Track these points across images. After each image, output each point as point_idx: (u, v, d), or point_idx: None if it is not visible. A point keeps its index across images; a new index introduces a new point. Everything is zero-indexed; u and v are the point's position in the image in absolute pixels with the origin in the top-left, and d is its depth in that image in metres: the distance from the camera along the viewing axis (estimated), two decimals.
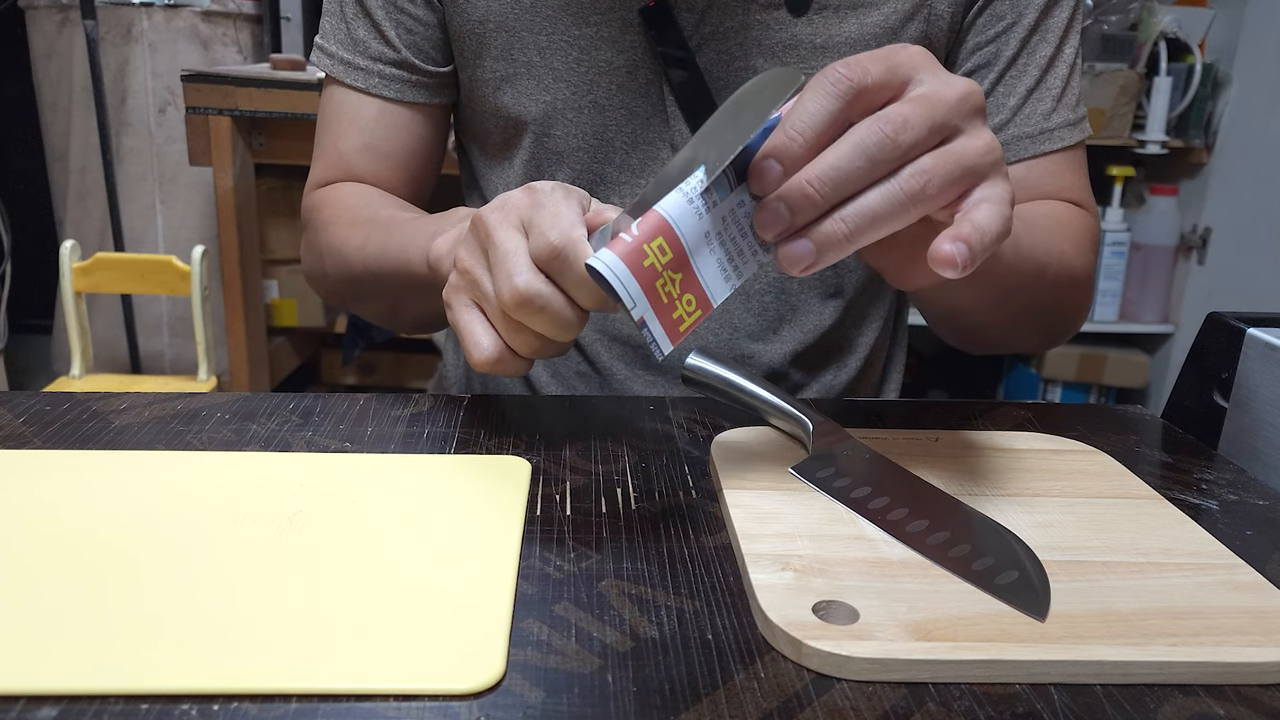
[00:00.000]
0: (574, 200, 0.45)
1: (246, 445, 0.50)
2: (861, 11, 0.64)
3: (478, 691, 0.32)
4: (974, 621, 0.35)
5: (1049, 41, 0.66)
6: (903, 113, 0.39)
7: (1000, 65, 0.66)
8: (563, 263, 0.42)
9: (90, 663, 0.33)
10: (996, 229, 0.39)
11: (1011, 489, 0.46)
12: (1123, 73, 2.00)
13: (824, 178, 0.38)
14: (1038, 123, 0.67)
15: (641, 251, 0.39)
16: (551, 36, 0.65)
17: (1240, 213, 2.04)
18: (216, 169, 1.74)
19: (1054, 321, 0.67)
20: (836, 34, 0.64)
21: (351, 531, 0.41)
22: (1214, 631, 0.35)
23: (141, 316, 2.06)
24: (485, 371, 0.47)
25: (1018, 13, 0.65)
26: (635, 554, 0.41)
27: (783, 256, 0.40)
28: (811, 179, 0.38)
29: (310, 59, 0.74)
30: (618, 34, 0.65)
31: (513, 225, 0.45)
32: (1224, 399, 0.55)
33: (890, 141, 0.38)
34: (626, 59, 0.65)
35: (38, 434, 0.51)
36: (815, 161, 0.39)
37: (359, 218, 0.67)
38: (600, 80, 0.66)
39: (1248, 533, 0.45)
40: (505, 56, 0.67)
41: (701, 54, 0.65)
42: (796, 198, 0.39)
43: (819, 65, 0.65)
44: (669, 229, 0.39)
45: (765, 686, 0.33)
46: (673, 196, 0.40)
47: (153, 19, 1.98)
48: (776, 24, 0.64)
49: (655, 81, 0.66)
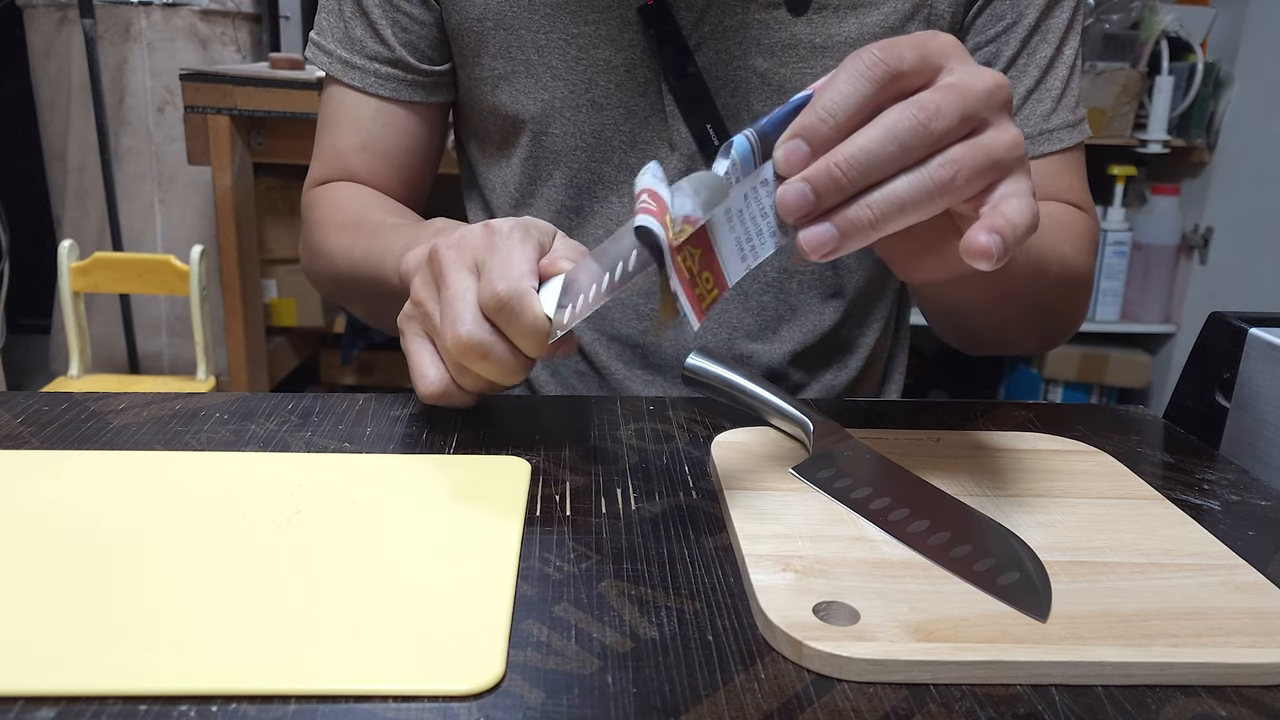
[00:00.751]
0: (530, 244, 0.45)
1: (245, 445, 0.50)
2: (861, 11, 0.64)
3: (477, 693, 0.32)
4: (975, 622, 0.35)
5: (1049, 42, 0.66)
6: (935, 100, 0.38)
7: (1000, 65, 0.66)
8: (509, 314, 0.43)
9: (89, 664, 0.32)
10: (1026, 222, 0.38)
11: (1013, 489, 0.46)
12: (1124, 72, 2.00)
13: (853, 161, 0.37)
14: (1037, 124, 0.67)
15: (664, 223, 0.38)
16: (550, 34, 0.65)
17: (1242, 212, 2.04)
18: (215, 168, 1.74)
19: (1053, 322, 0.67)
20: (836, 33, 0.64)
21: (350, 532, 0.41)
22: (1216, 632, 0.35)
23: (140, 316, 2.06)
24: (430, 403, 0.48)
25: (1018, 13, 0.65)
26: (635, 555, 0.41)
27: (804, 240, 0.38)
28: (840, 161, 0.37)
29: (305, 54, 0.74)
30: (616, 32, 0.65)
31: (465, 266, 0.46)
32: (1226, 399, 0.54)
33: (922, 128, 0.37)
34: (625, 57, 0.65)
35: (35, 434, 0.50)
36: (845, 144, 0.38)
37: (348, 220, 0.67)
38: (598, 79, 0.66)
39: (1250, 533, 0.45)
40: (503, 54, 0.67)
41: (700, 53, 0.65)
42: (823, 180, 0.37)
43: (818, 65, 0.64)
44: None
45: (766, 688, 0.33)
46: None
47: (151, 18, 1.98)
48: (776, 23, 0.64)
49: (654, 80, 0.66)
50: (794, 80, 0.65)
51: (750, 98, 0.66)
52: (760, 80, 0.65)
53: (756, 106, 0.66)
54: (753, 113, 0.66)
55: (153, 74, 2.00)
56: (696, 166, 0.67)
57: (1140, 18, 2.05)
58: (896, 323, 0.80)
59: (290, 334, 2.14)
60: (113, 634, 0.34)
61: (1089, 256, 0.67)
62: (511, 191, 0.72)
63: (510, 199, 0.72)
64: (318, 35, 0.71)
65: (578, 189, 0.69)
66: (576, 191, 0.70)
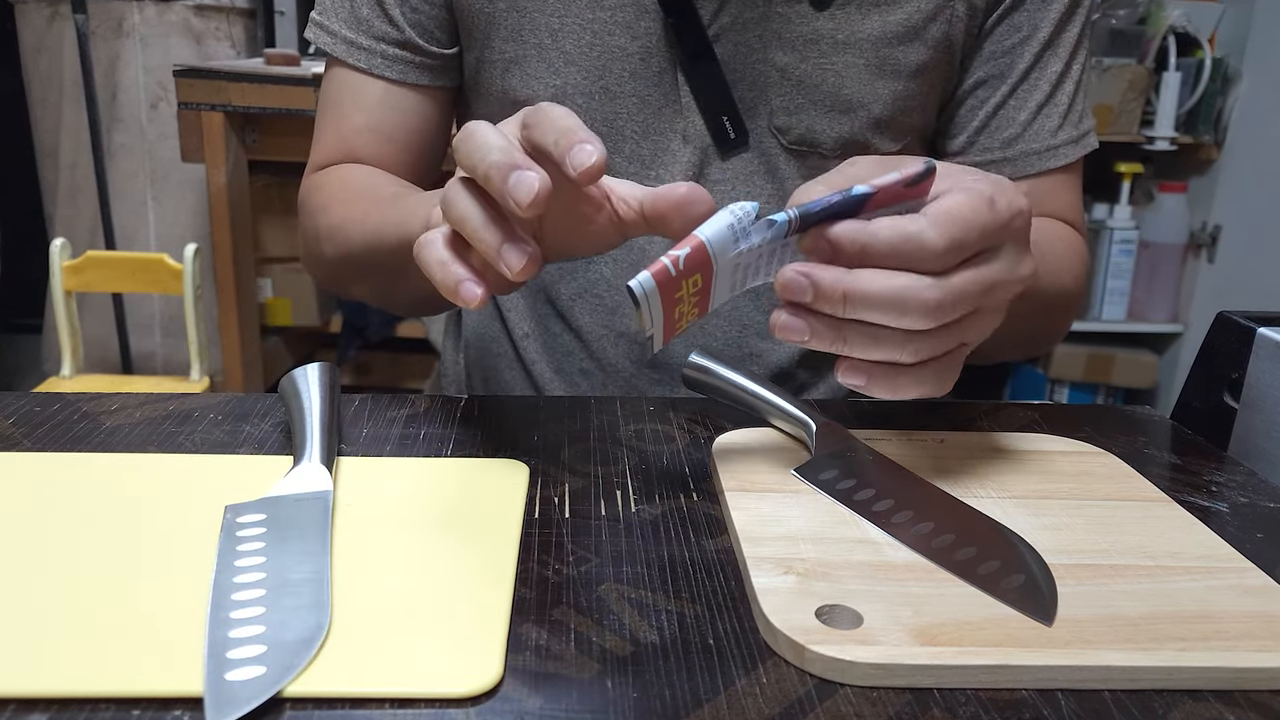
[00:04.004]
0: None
1: (240, 447, 0.49)
2: (884, 9, 0.64)
3: (474, 696, 0.32)
4: (979, 626, 0.35)
5: (1059, 57, 0.67)
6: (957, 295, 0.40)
7: (1014, 78, 0.67)
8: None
9: (81, 667, 0.32)
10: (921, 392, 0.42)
11: (1017, 491, 0.46)
12: (1131, 68, 1.99)
13: (857, 300, 0.39)
14: (1045, 139, 0.68)
15: (677, 285, 0.39)
16: (564, 19, 0.65)
17: (1251, 210, 2.03)
18: (209, 166, 1.73)
19: (1037, 339, 0.70)
20: (859, 30, 0.64)
21: (346, 535, 0.41)
22: (1223, 636, 0.35)
23: (133, 316, 2.05)
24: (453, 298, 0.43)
25: (1033, 25, 0.66)
26: (635, 557, 0.40)
27: (780, 323, 0.41)
28: (849, 292, 0.39)
29: (306, 34, 0.72)
30: (633, 19, 0.64)
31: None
32: (1234, 399, 0.54)
33: (932, 319, 0.40)
34: (640, 45, 0.65)
35: (27, 435, 0.50)
36: (865, 279, 0.39)
37: (361, 194, 0.65)
38: (613, 66, 0.65)
39: (1258, 536, 0.45)
40: (515, 37, 0.66)
41: (719, 44, 0.64)
42: (826, 293, 0.40)
43: (839, 61, 0.64)
44: (709, 265, 0.39)
45: (767, 692, 0.33)
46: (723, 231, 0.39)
47: (144, 13, 1.97)
48: (798, 17, 0.63)
49: (669, 70, 0.65)
50: (814, 76, 0.65)
51: (769, 92, 0.65)
52: (779, 75, 0.65)
53: (774, 101, 0.65)
54: (770, 107, 0.66)
55: (146, 70, 1.99)
56: (710, 160, 0.67)
57: (1147, 12, 2.04)
58: None
59: (285, 334, 2.13)
60: (106, 637, 0.34)
61: (1082, 277, 0.69)
62: None
63: None
64: (320, 14, 0.70)
65: None
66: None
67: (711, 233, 0.39)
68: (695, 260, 0.39)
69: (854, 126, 0.66)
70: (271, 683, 0.31)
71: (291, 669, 0.32)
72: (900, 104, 0.66)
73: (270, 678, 0.31)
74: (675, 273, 0.39)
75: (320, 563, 0.38)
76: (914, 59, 0.65)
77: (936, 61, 0.66)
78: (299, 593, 0.36)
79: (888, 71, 0.65)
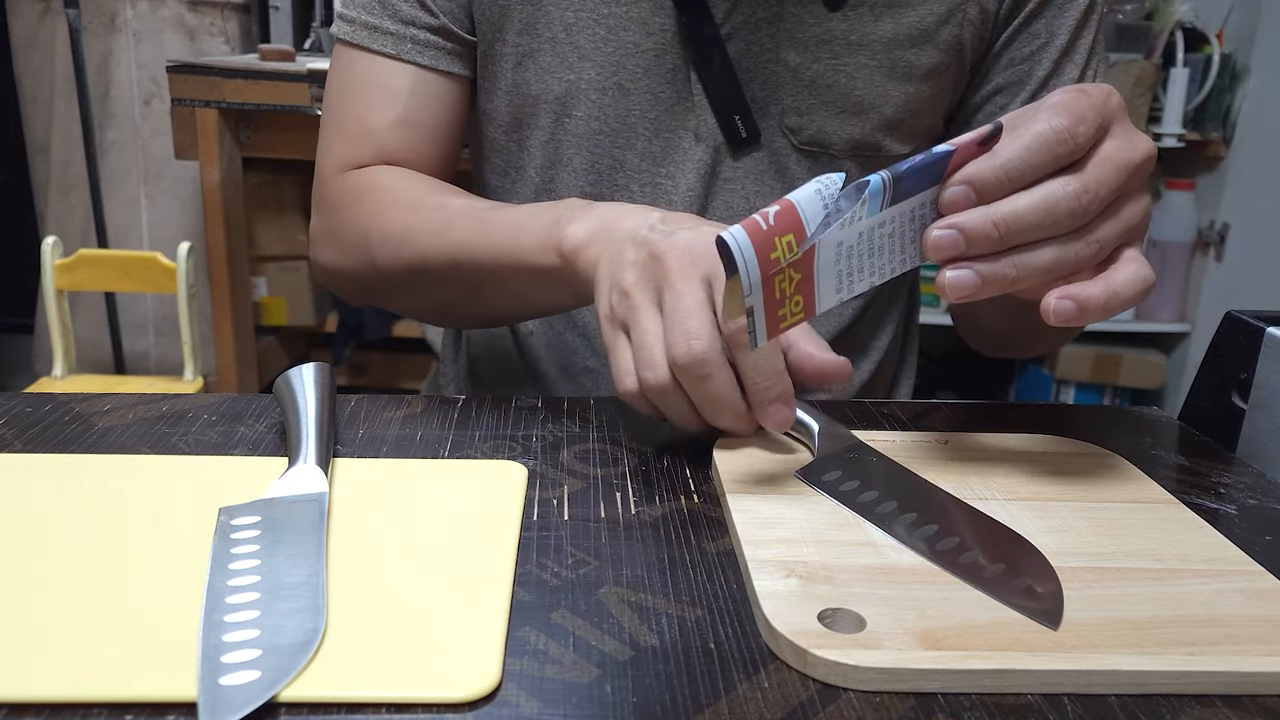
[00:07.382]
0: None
1: (234, 448, 0.49)
2: (898, 10, 0.64)
3: (472, 701, 0.31)
4: (985, 629, 0.35)
5: (1075, 63, 0.67)
6: (1096, 180, 0.41)
7: (1032, 85, 0.67)
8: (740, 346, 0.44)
9: (73, 671, 0.32)
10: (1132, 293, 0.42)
11: (1023, 493, 0.46)
12: (1138, 63, 1.98)
13: (1010, 223, 0.41)
14: None
15: (771, 243, 0.39)
16: (579, 13, 0.64)
17: (1259, 208, 2.02)
18: (203, 163, 1.73)
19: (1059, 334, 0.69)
20: (871, 31, 0.64)
21: (342, 537, 0.40)
22: (1232, 640, 0.35)
23: (126, 315, 2.04)
24: (628, 401, 0.48)
25: (1050, 32, 0.66)
26: (635, 560, 0.40)
27: (948, 281, 0.42)
28: (998, 220, 0.41)
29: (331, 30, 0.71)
30: (647, 16, 0.64)
31: (698, 277, 0.45)
32: (1242, 400, 0.54)
33: (1081, 211, 0.41)
34: (655, 42, 0.64)
35: (18, 436, 0.50)
36: (1006, 203, 0.41)
37: (423, 202, 0.63)
38: (626, 62, 0.65)
39: (1267, 538, 0.44)
40: (528, 31, 0.65)
41: (732, 42, 0.64)
42: (978, 233, 0.41)
43: (852, 62, 0.64)
44: (801, 228, 0.39)
45: (769, 697, 0.32)
46: (811, 196, 0.39)
47: (137, 8, 1.96)
48: (811, 17, 0.63)
49: (683, 68, 0.65)
50: (826, 76, 0.64)
51: (780, 91, 0.65)
52: (791, 74, 0.65)
53: (786, 101, 0.65)
54: (782, 107, 0.65)
55: (139, 66, 1.98)
56: (721, 158, 0.67)
57: (1154, 8, 2.03)
58: (906, 325, 0.81)
59: (280, 333, 2.13)
60: (99, 641, 0.33)
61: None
62: (532, 176, 0.70)
63: (530, 184, 0.70)
64: (342, 5, 0.68)
65: (598, 175, 0.68)
66: (597, 178, 0.68)
67: (798, 194, 0.39)
68: (784, 217, 0.39)
69: (865, 128, 0.66)
70: (266, 687, 0.31)
71: (287, 673, 0.31)
72: (911, 106, 0.66)
73: (265, 682, 0.31)
74: (766, 227, 0.38)
75: (316, 565, 0.37)
76: (926, 61, 0.65)
77: (947, 64, 0.66)
78: (294, 596, 0.35)
79: (899, 74, 0.65)
